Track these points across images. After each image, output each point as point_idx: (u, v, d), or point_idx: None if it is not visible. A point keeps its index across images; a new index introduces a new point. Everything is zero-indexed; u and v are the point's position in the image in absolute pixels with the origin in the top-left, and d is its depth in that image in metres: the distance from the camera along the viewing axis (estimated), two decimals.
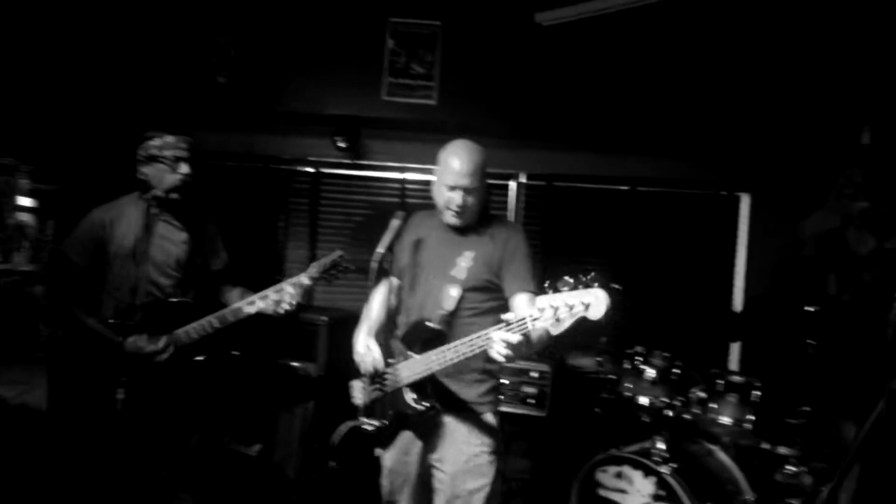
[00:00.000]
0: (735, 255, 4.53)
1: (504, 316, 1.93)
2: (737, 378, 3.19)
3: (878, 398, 3.33)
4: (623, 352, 3.48)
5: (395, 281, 2.50)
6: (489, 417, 2.35)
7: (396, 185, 4.52)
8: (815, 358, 3.02)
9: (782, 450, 3.15)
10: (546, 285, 1.86)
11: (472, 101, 4.12)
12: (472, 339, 2.05)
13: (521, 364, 3.68)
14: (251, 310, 2.66)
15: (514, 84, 4.11)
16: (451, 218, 2.34)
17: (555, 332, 1.80)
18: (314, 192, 4.53)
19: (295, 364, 3.46)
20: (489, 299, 2.30)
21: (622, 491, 3.04)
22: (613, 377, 3.51)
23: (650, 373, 3.32)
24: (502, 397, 3.29)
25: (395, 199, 4.51)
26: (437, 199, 2.37)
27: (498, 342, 1.92)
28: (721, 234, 4.53)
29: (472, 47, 4.11)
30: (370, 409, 2.31)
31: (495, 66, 4.10)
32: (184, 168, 2.67)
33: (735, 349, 4.42)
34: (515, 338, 1.89)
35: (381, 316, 2.44)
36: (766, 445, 3.14)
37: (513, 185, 4.54)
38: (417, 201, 4.39)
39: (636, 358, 3.39)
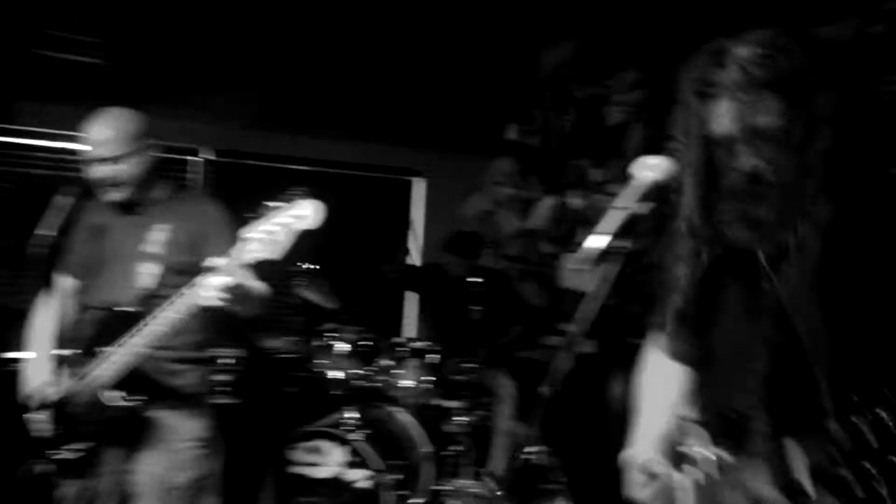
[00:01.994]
0: (411, 233, 4.95)
1: (210, 261, 1.76)
2: (418, 344, 3.50)
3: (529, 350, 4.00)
4: (315, 330, 3.54)
5: (67, 282, 2.13)
6: (202, 407, 2.19)
7: (52, 156, 3.83)
8: (477, 321, 3.48)
9: (453, 404, 3.58)
10: (253, 213, 1.77)
11: (144, 64, 3.67)
12: (173, 300, 1.84)
13: (216, 352, 3.48)
14: None
15: (190, 50, 3.77)
16: (107, 193, 2.09)
17: (276, 255, 1.72)
18: None
19: None
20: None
21: (315, 464, 3.11)
22: (306, 355, 3.55)
23: (341, 347, 3.44)
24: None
25: (50, 173, 3.83)
26: (89, 175, 2.11)
27: (208, 287, 1.74)
28: (401, 214, 4.90)
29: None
30: (64, 437, 1.94)
31: (168, 26, 3.68)
32: None
33: (412, 319, 4.86)
34: (228, 279, 1.73)
35: (56, 330, 2.08)
36: (440, 402, 3.53)
37: (196, 160, 4.22)
38: (77, 175, 3.79)
39: (328, 334, 3.48)
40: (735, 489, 1.05)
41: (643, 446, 1.35)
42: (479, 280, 3.53)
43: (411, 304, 4.95)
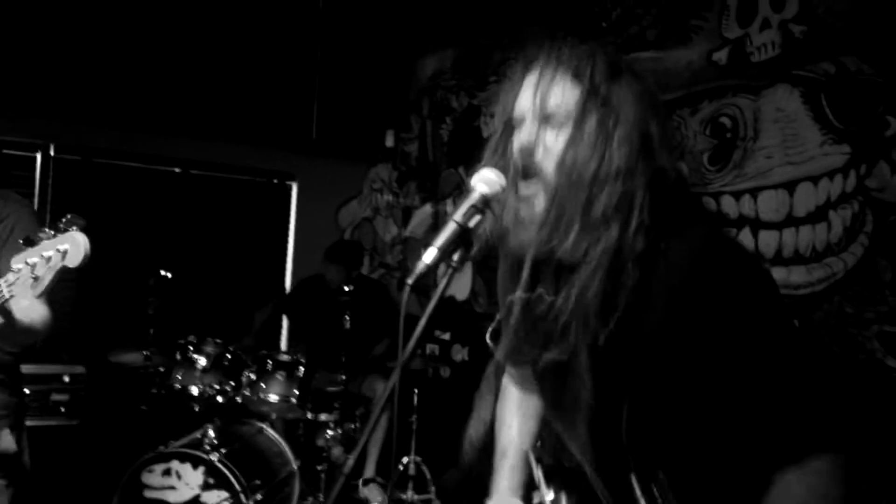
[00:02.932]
0: (287, 239, 4.77)
1: None
2: (284, 357, 3.34)
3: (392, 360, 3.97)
4: (175, 342, 3.31)
5: None
6: (5, 437, 1.92)
7: None
8: (349, 331, 3.39)
9: (323, 416, 3.47)
10: (21, 241, 1.56)
11: None
12: None
13: (50, 369, 3.16)
14: None
15: (50, 43, 3.45)
16: None
17: (36, 292, 1.53)
18: None
19: None
20: None
21: (170, 487, 2.89)
22: (163, 370, 3.31)
23: (202, 361, 3.23)
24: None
25: None
26: None
27: None
28: (274, 220, 4.71)
29: None
30: None
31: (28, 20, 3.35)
32: None
33: (286, 330, 4.68)
34: None
35: None
36: (309, 415, 3.40)
37: (39, 157, 3.83)
38: None
39: (188, 347, 3.26)
40: None
41: (502, 496, 1.25)
42: (353, 288, 3.43)
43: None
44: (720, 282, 0.94)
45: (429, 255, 1.00)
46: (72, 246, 1.50)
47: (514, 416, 1.31)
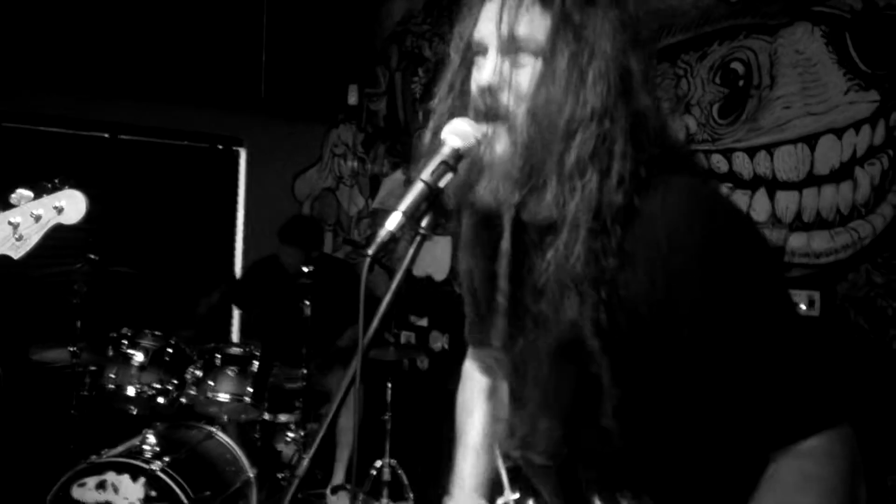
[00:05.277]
0: (236, 214, 4.73)
1: None
2: (235, 350, 3.34)
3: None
4: (106, 336, 3.28)
5: None
6: None
7: None
8: (309, 318, 3.38)
9: (283, 417, 3.48)
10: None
11: None
12: None
13: None
14: None
15: None
16: None
17: (18, 254, 1.63)
18: None
19: None
20: None
21: (105, 503, 2.89)
22: (93, 369, 3.29)
23: (138, 357, 3.22)
24: None
25: None
26: None
27: None
28: (220, 191, 4.66)
29: None
30: None
31: None
32: None
33: (237, 319, 4.66)
34: None
35: None
36: (267, 416, 3.41)
37: None
38: None
39: (122, 341, 3.24)
40: None
41: (461, 496, 1.28)
42: (313, 270, 3.41)
43: None
44: (702, 247, 0.94)
45: (392, 221, 0.99)
46: (69, 202, 1.61)
47: (479, 403, 1.33)
